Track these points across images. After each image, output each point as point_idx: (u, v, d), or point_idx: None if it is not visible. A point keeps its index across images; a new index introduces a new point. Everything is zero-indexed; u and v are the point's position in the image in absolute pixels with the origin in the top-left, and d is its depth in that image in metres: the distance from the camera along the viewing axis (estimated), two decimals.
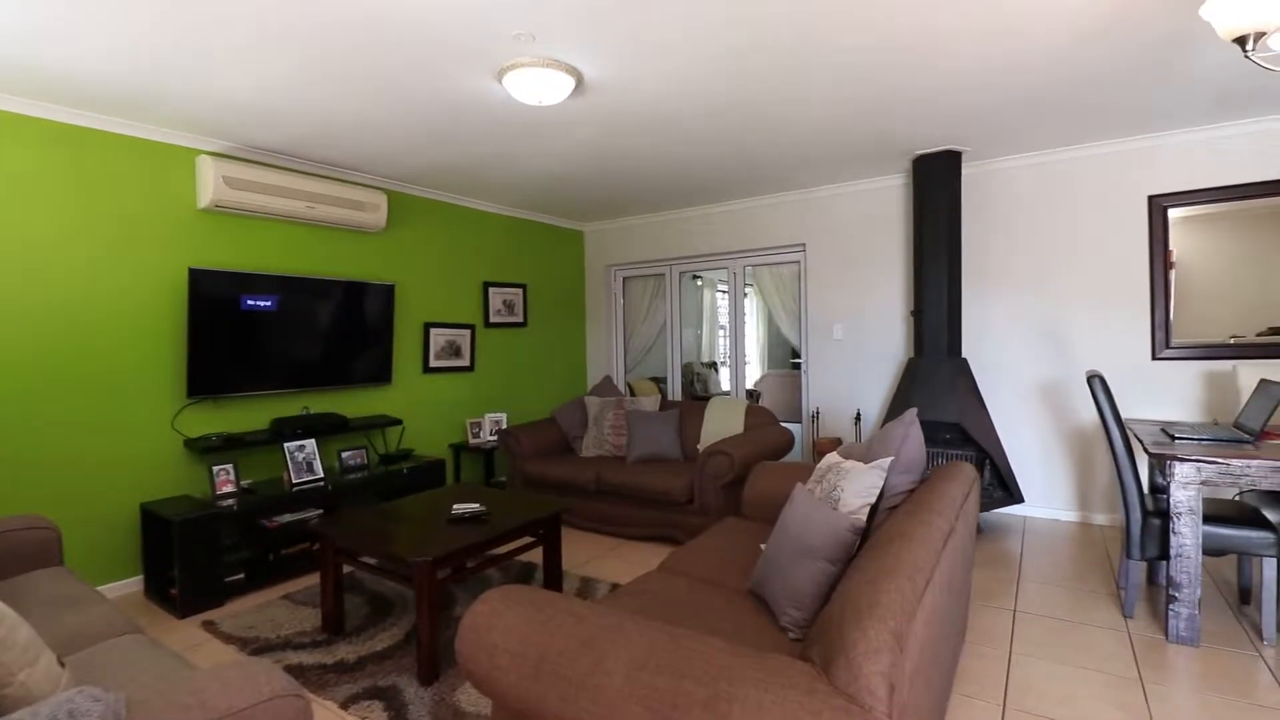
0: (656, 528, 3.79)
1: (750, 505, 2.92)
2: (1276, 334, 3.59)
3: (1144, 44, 2.55)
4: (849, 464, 2.26)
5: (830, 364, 4.94)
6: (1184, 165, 3.68)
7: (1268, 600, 2.47)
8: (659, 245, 5.80)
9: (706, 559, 2.41)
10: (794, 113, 3.24)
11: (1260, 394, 2.71)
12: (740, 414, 4.26)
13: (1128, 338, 3.88)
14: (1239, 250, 3.63)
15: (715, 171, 4.35)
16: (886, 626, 1.17)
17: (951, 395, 3.88)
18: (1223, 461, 2.38)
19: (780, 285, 5.40)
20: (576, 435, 4.64)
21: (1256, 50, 1.40)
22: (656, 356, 6.35)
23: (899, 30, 2.40)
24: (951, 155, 3.93)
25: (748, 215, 5.27)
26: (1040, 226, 4.10)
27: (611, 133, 3.48)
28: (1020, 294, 4.18)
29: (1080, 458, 4.05)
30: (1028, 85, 2.95)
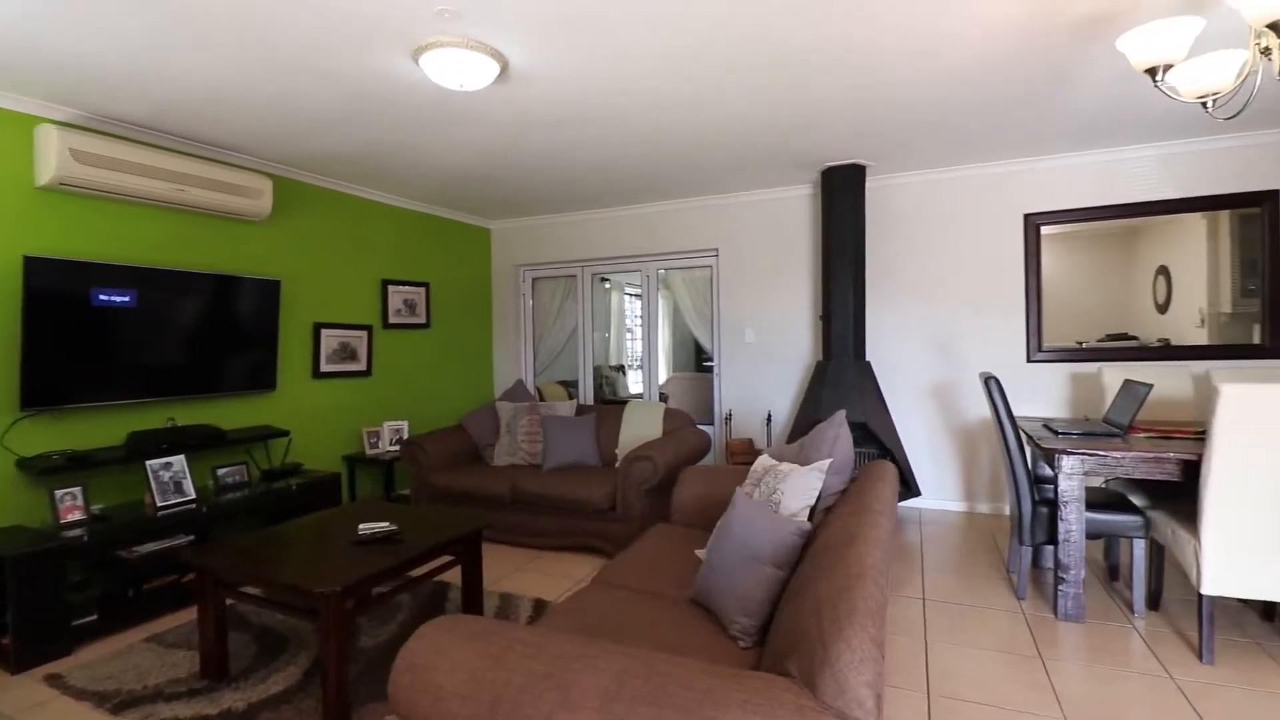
0: (577, 537, 3.66)
1: (680, 511, 2.88)
2: (1113, 340, 4.09)
3: (1033, 75, 2.79)
4: (785, 466, 2.27)
5: (742, 366, 5.04)
6: (1053, 187, 4.10)
7: (1137, 577, 2.76)
8: (571, 246, 5.67)
9: (642, 569, 2.33)
10: (718, 118, 3.26)
11: (1125, 393, 3.04)
12: (659, 418, 4.23)
13: (1006, 342, 4.26)
14: (1086, 265, 4.10)
15: (635, 173, 4.31)
16: (868, 635, 1.14)
17: (857, 396, 4.07)
18: (1103, 454, 2.64)
19: (693, 289, 5.45)
20: (488, 443, 4.41)
21: (1163, 79, 1.55)
22: (566, 360, 6.21)
23: (823, 47, 2.46)
24: (857, 169, 4.13)
25: (663, 219, 5.27)
26: (933, 238, 4.41)
27: (534, 126, 3.33)
28: (916, 301, 4.48)
29: (966, 452, 4.39)
30: (932, 106, 3.15)
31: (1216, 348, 3.95)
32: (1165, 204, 3.93)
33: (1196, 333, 4.02)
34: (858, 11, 2.23)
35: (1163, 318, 4.10)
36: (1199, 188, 3.84)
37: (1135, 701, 2.13)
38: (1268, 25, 1.23)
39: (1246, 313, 3.94)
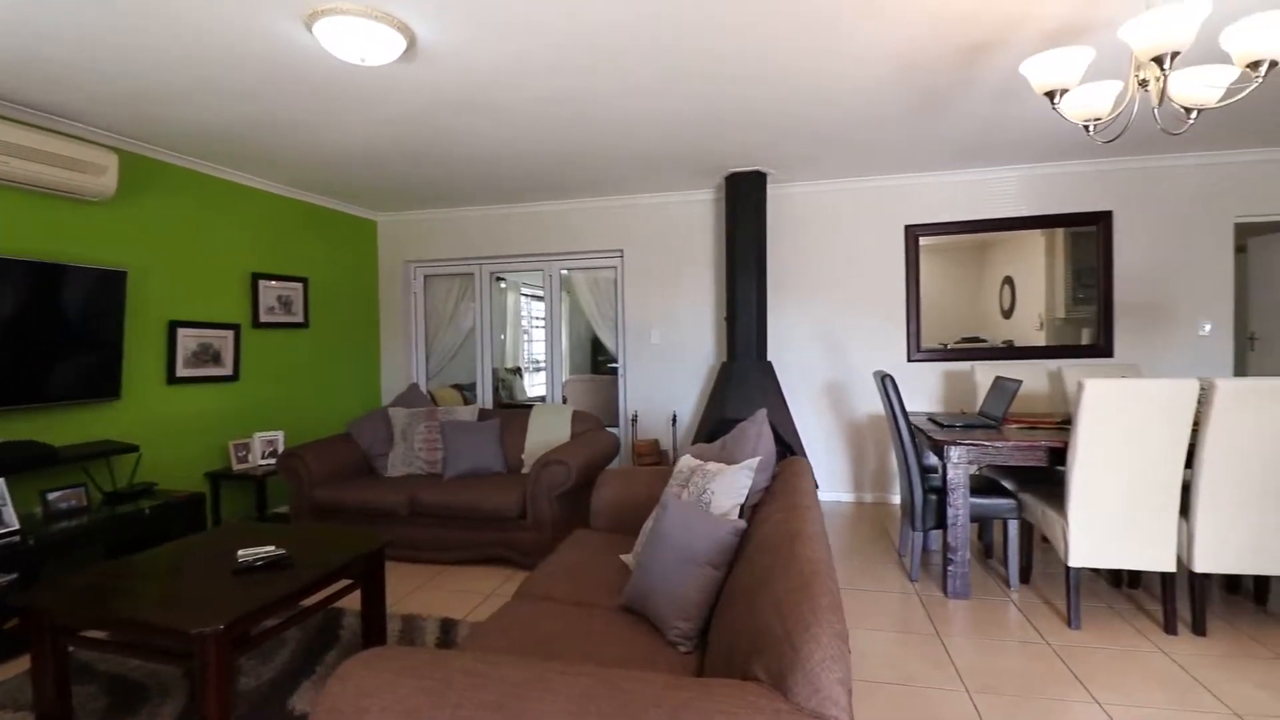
0: (484, 549, 3.47)
1: (600, 515, 2.80)
2: (967, 342, 4.55)
3: (921, 95, 3.02)
4: (713, 466, 2.27)
5: (648, 368, 5.05)
6: (931, 202, 4.48)
7: (1012, 555, 3.06)
8: (469, 243, 5.41)
9: (566, 579, 2.23)
10: (631, 116, 3.23)
11: (996, 389, 3.36)
12: (567, 421, 4.12)
13: (889, 343, 4.59)
14: (947, 275, 4.53)
15: (542, 169, 4.17)
16: (834, 631, 1.13)
17: (761, 395, 4.20)
18: (986, 444, 2.89)
19: (597, 290, 5.39)
20: (380, 453, 4.08)
21: (1060, 102, 1.71)
22: (461, 363, 5.92)
23: (737, 55, 2.50)
24: (759, 176, 4.28)
25: (568, 218, 5.16)
26: (827, 246, 4.66)
27: (438, 111, 3.11)
28: (811, 305, 4.71)
29: (855, 446, 4.68)
30: (833, 121, 3.32)
31: (1053, 348, 4.48)
32: (1022, 220, 4.42)
33: (1037, 335, 4.55)
34: (771, 23, 2.28)
35: (1008, 322, 4.61)
36: (1048, 207, 4.36)
37: (1022, 668, 2.33)
38: (1152, 59, 1.39)
39: (1077, 317, 4.51)
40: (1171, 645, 2.48)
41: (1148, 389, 2.48)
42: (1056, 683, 2.24)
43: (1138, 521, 2.57)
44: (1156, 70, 1.44)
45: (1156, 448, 2.51)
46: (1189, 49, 1.41)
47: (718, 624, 1.66)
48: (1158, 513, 2.55)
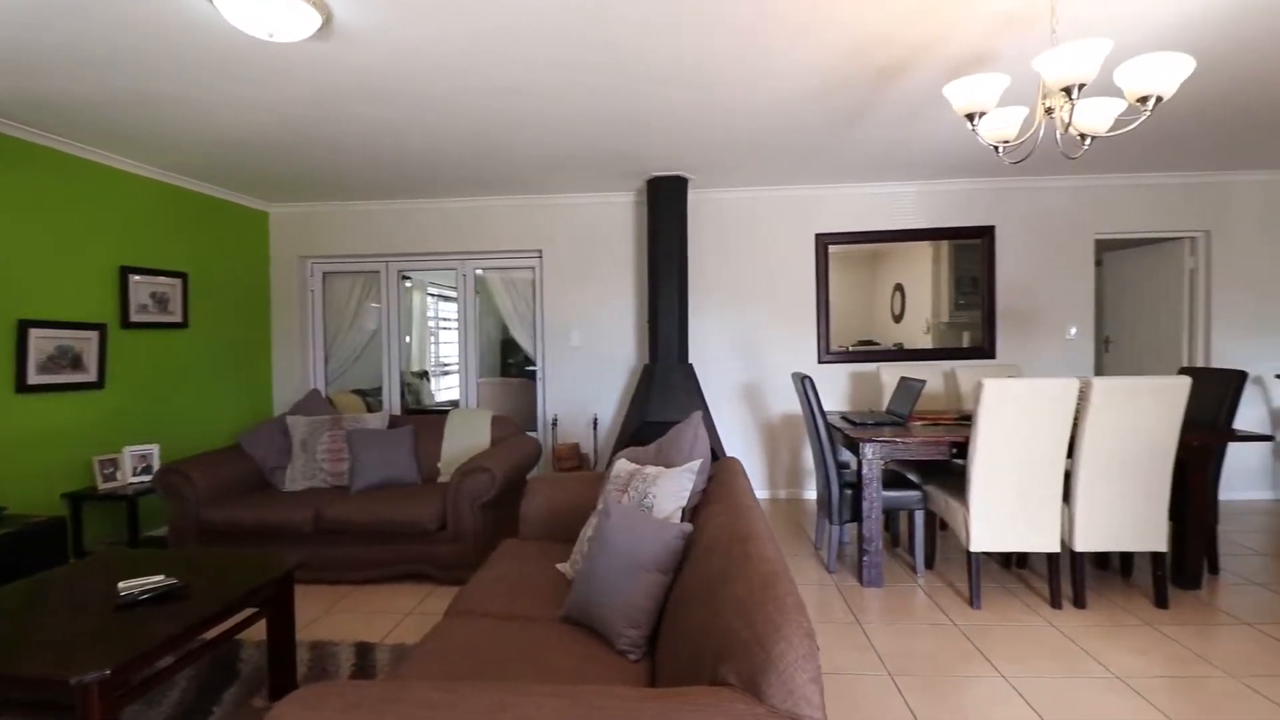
0: (399, 565, 3.26)
1: (531, 524, 2.72)
2: (863, 345, 4.86)
3: (837, 110, 3.17)
4: (652, 469, 2.26)
5: (568, 370, 4.97)
6: (839, 212, 4.73)
7: (918, 544, 3.28)
8: (373, 238, 5.09)
9: (501, 592, 2.14)
10: (553, 115, 3.16)
11: (902, 389, 3.60)
12: (486, 426, 3.98)
13: (801, 346, 4.80)
14: (846, 281, 4.82)
15: (458, 163, 4.00)
16: (804, 629, 1.15)
17: (683, 397, 4.25)
18: (896, 441, 3.08)
19: (514, 291, 5.24)
20: (277, 466, 3.74)
21: (978, 124, 1.85)
22: (364, 367, 5.57)
23: (667, 59, 2.51)
24: (681, 180, 4.33)
25: (484, 215, 4.98)
26: (743, 251, 4.80)
27: (349, 96, 2.90)
28: (728, 308, 4.83)
29: (769, 445, 4.85)
30: (754, 130, 3.42)
31: (939, 350, 4.87)
32: (918, 232, 4.76)
33: (924, 338, 4.93)
34: (702, 31, 2.31)
35: (898, 326, 4.97)
36: (940, 221, 4.72)
37: (935, 649, 2.50)
38: (1062, 89, 1.54)
39: (959, 322, 4.92)
40: (1058, 618, 2.75)
41: (1037, 387, 2.74)
42: (966, 660, 2.42)
43: (1028, 508, 2.84)
44: (1062, 99, 1.59)
45: (1044, 441, 2.78)
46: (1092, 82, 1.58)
47: (668, 630, 1.65)
48: (1045, 499, 2.83)
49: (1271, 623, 2.65)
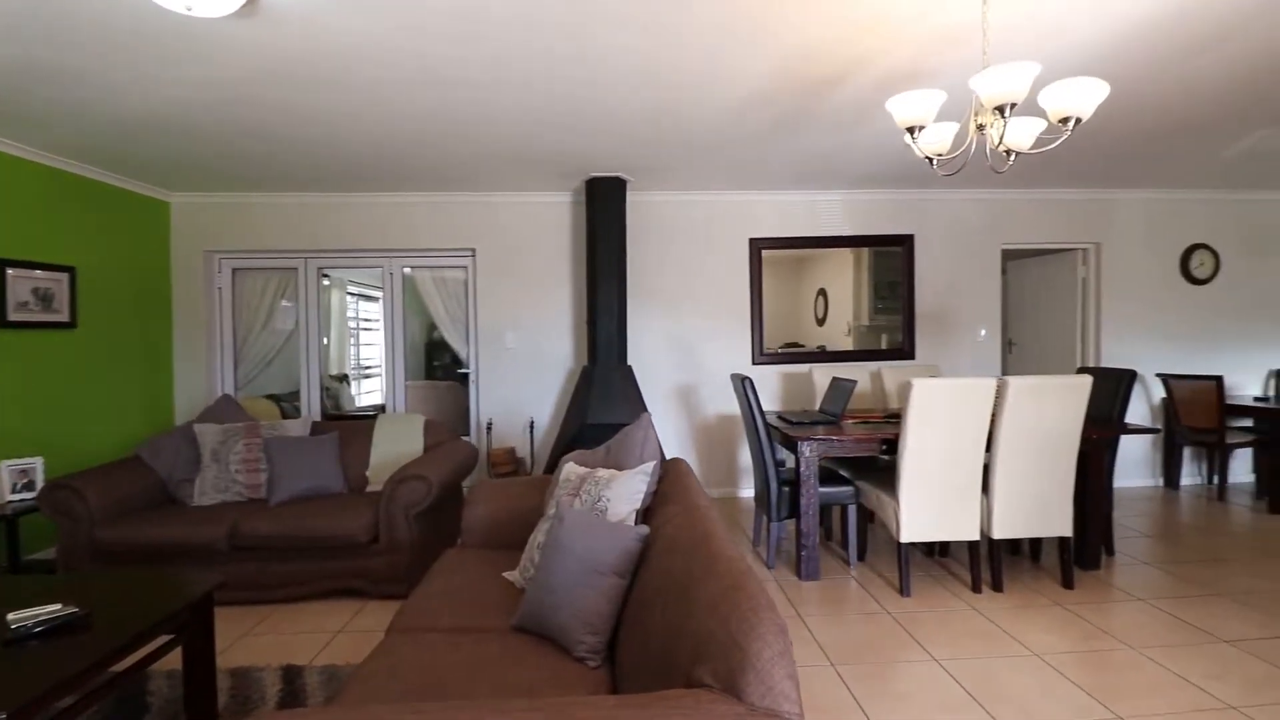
0: (327, 581, 3.07)
1: (473, 533, 2.62)
2: (788, 347, 5.04)
3: (773, 120, 3.26)
4: (604, 473, 2.23)
5: (502, 373, 4.85)
6: (771, 218, 4.87)
7: (851, 537, 3.42)
8: (291, 233, 4.78)
9: (448, 605, 2.05)
10: (491, 111, 3.08)
11: (835, 389, 3.74)
12: (419, 432, 3.82)
13: (737, 347, 4.91)
14: (771, 285, 4.97)
15: (388, 156, 3.82)
16: (778, 626, 1.16)
17: (623, 399, 4.25)
18: (831, 439, 3.19)
19: (445, 290, 5.07)
20: (184, 478, 3.44)
21: (918, 137, 1.95)
22: (279, 370, 5.23)
23: (617, 61, 2.50)
24: (620, 181, 4.32)
25: (414, 211, 4.78)
26: (680, 254, 4.85)
27: (271, 78, 2.70)
28: (666, 310, 4.87)
29: (705, 445, 4.93)
30: (694, 135, 3.45)
31: (859, 352, 5.10)
32: (844, 239, 4.97)
33: (845, 340, 5.16)
34: (649, 35, 2.32)
35: (821, 329, 5.19)
36: (864, 229, 4.96)
37: (872, 637, 2.61)
38: (995, 107, 1.65)
39: (878, 325, 5.19)
40: (979, 602, 2.94)
41: (960, 386, 2.91)
42: (901, 646, 2.54)
43: (952, 500, 3.02)
44: (995, 117, 1.71)
45: (966, 436, 2.97)
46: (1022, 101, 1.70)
47: (628, 634, 1.63)
48: (967, 491, 3.01)
49: (1161, 598, 2.94)
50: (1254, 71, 2.74)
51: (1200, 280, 5.06)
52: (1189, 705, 2.08)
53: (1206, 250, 5.05)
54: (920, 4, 2.11)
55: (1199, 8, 2.19)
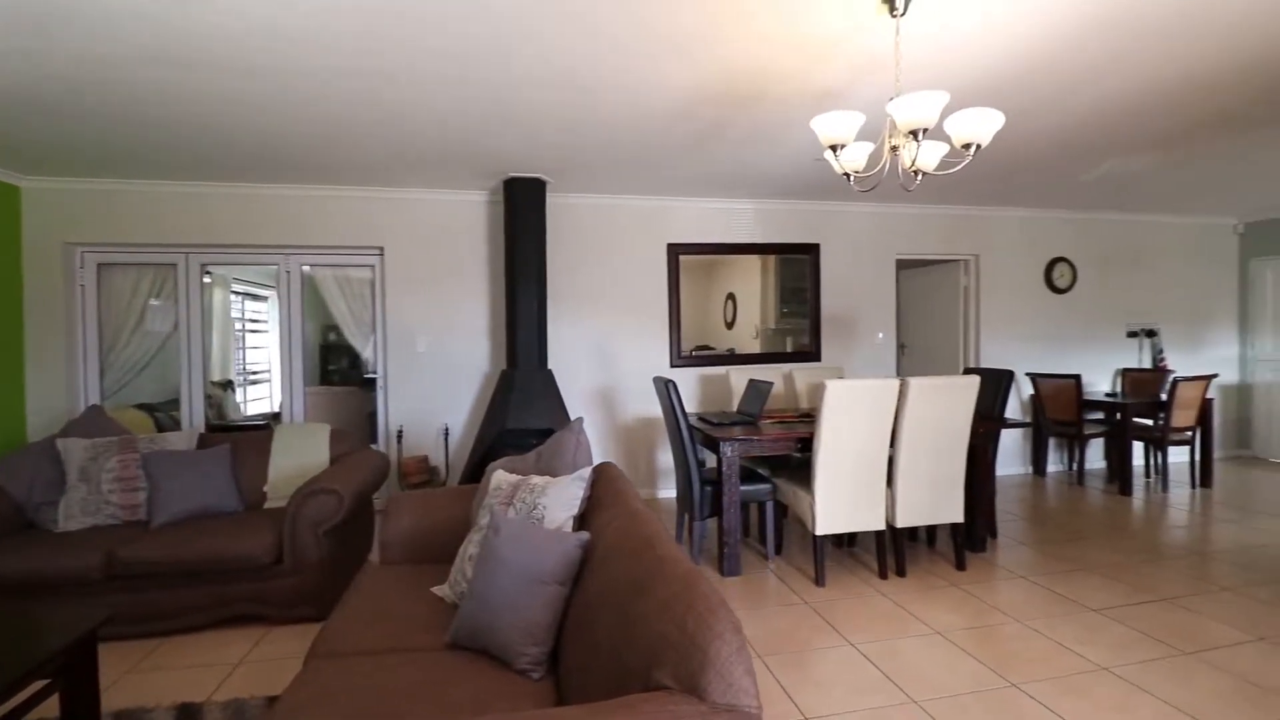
0: (224, 607, 2.81)
1: (394, 547, 2.49)
2: (700, 350, 5.19)
3: (693, 130, 3.34)
4: (538, 479, 2.20)
5: (414, 378, 4.65)
6: (688, 224, 4.99)
7: (769, 532, 3.56)
8: (170, 225, 4.33)
9: (373, 625, 1.95)
10: (407, 103, 2.94)
11: (752, 390, 3.88)
12: (324, 442, 3.59)
13: (655, 350, 4.98)
14: (688, 289, 5.10)
15: (285, 145, 3.55)
16: (733, 624, 1.20)
17: (544, 404, 4.19)
18: (752, 438, 3.32)
19: (350, 291, 4.79)
20: (45, 501, 3.03)
21: (840, 155, 2.07)
22: (153, 377, 4.74)
23: (528, 61, 2.48)
24: (539, 183, 4.27)
25: (315, 206, 4.47)
26: (600, 257, 4.86)
27: (150, 55, 2.44)
28: (586, 313, 4.86)
29: (625, 448, 4.96)
30: (617, 140, 3.47)
31: (766, 354, 5.34)
32: (756, 246, 5.18)
33: (753, 343, 5.39)
34: (580, 37, 2.31)
35: (730, 332, 5.39)
36: (774, 236, 5.19)
37: (793, 627, 2.74)
38: (909, 131, 1.80)
39: (783, 328, 5.45)
40: (886, 587, 3.15)
41: (869, 387, 3.12)
42: (820, 633, 2.68)
43: (861, 493, 3.22)
44: (908, 139, 1.85)
45: (873, 433, 3.18)
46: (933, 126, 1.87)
47: (573, 642, 1.62)
48: (873, 484, 3.23)
49: (1038, 574, 3.28)
50: (1114, 107, 3.13)
51: (1061, 290, 5.71)
52: (1068, 669, 2.34)
53: (1066, 263, 5.71)
54: (841, 30, 2.25)
55: (1074, 51, 2.48)
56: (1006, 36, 2.35)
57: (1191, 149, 3.85)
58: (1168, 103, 3.08)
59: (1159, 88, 2.89)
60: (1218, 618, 2.73)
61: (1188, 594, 2.99)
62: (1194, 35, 2.37)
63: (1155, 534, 3.89)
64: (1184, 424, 4.91)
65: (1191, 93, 2.96)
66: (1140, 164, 4.18)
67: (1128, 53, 2.52)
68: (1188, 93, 2.95)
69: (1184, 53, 2.53)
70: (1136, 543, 3.73)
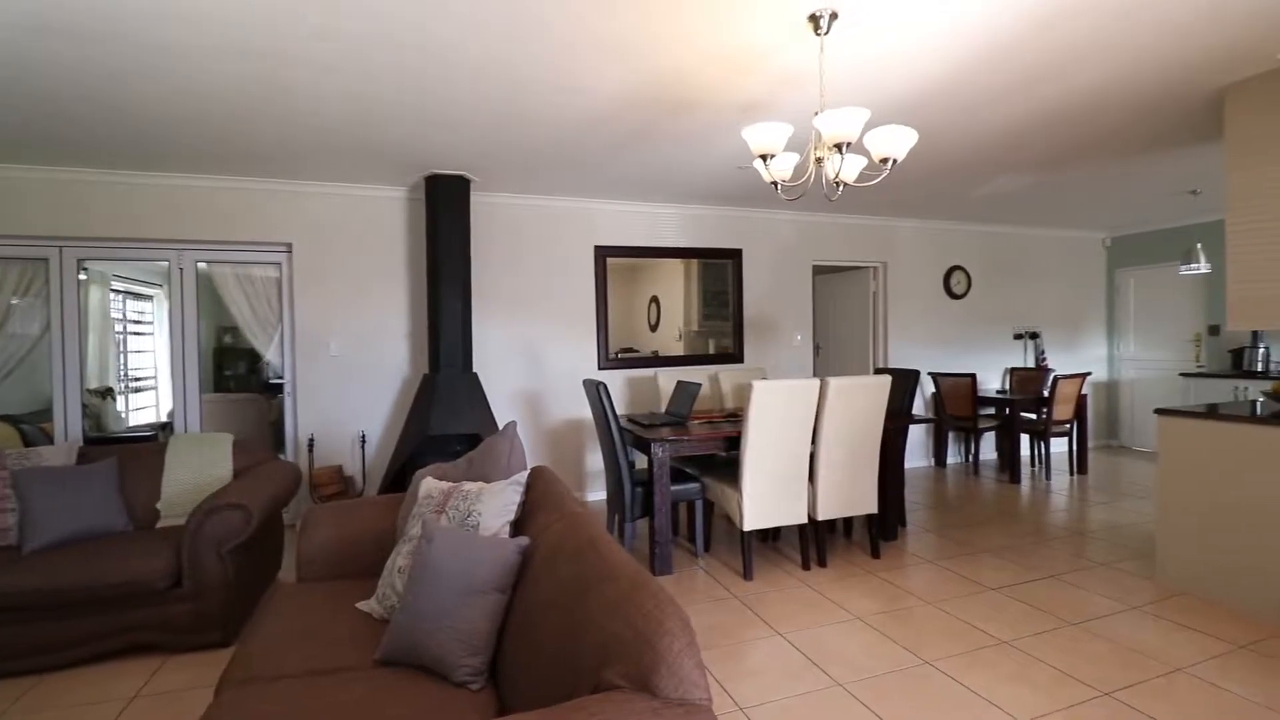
0: (114, 638, 2.54)
1: (314, 563, 2.35)
2: (625, 352, 5.25)
3: (624, 134, 3.37)
4: (471, 486, 2.14)
5: (326, 383, 4.40)
6: (615, 226, 5.01)
7: (699, 530, 3.63)
8: (40, 215, 3.88)
9: (294, 646, 1.83)
10: (318, 90, 2.78)
11: (681, 391, 3.95)
12: (226, 454, 3.33)
13: (584, 353, 4.97)
14: (613, 292, 5.12)
15: (179, 129, 3.27)
16: (681, 619, 1.22)
17: (469, 408, 4.08)
18: (682, 439, 3.37)
19: (252, 290, 4.46)
20: None
21: (770, 164, 2.15)
22: (18, 385, 4.25)
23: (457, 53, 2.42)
24: (463, 180, 4.15)
25: (212, 197, 4.13)
26: (526, 258, 4.79)
27: (26, 27, 2.19)
28: (512, 315, 4.77)
29: (554, 451, 4.92)
30: (544, 139, 3.44)
31: (690, 356, 5.45)
32: (681, 250, 5.27)
33: (676, 345, 5.50)
34: (516, 35, 2.29)
35: (654, 334, 5.48)
36: (699, 241, 5.30)
37: (724, 621, 2.81)
38: (834, 145, 1.90)
39: (706, 331, 5.59)
40: (809, 578, 3.29)
41: (792, 386, 3.25)
42: (750, 625, 2.76)
43: (786, 489, 3.35)
44: (832, 152, 1.96)
45: (796, 431, 3.31)
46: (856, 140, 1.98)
47: (515, 649, 1.59)
48: (796, 480, 3.37)
49: (943, 558, 3.53)
50: (1003, 130, 3.43)
51: (958, 295, 6.18)
52: (975, 645, 2.54)
53: (962, 271, 6.18)
54: (768, 44, 2.34)
55: (969, 80, 2.70)
56: (913, 62, 2.53)
57: (1065, 171, 4.29)
58: (1048, 128, 3.41)
59: (1041, 115, 3.20)
60: (1096, 590, 3.05)
61: (1070, 570, 3.31)
62: (1071, 70, 2.64)
63: (1041, 517, 4.28)
64: (1063, 417, 5.43)
65: (1067, 121, 3.29)
66: (1025, 182, 4.60)
67: (1017, 83, 2.77)
68: (1063, 121, 3.29)
69: (1060, 87, 2.81)
70: (1026, 526, 4.09)
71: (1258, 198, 2.77)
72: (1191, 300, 6.17)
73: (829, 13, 2.09)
